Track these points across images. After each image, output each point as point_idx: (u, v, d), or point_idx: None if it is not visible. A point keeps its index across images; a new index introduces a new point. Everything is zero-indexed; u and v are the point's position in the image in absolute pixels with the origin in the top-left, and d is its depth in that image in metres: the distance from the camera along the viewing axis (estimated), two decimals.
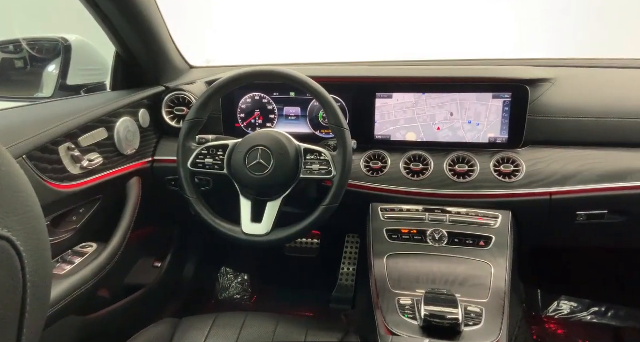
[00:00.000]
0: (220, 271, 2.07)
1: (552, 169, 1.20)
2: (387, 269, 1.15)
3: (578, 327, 1.73)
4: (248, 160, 1.09)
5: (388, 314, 1.03)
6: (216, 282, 2.04)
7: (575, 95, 1.25)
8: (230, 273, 2.08)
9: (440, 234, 1.20)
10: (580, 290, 1.78)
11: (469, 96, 1.27)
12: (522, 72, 1.26)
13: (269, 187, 1.10)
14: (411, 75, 1.31)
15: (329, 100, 1.09)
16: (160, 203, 1.49)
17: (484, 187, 1.23)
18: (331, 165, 1.08)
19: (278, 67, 1.11)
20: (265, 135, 1.11)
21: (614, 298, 1.74)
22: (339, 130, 1.08)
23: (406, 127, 1.34)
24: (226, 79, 1.13)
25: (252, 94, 1.42)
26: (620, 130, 1.20)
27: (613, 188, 1.15)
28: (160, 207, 1.51)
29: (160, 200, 1.45)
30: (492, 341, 0.95)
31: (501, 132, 1.27)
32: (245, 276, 2.06)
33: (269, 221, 1.09)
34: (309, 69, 1.44)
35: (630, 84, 1.27)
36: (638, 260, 1.65)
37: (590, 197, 1.16)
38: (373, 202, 1.30)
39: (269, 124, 1.44)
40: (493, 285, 1.08)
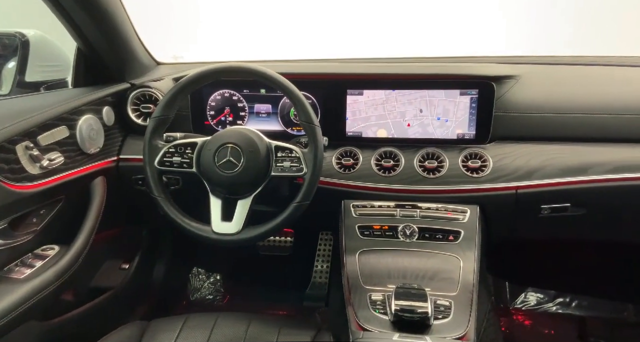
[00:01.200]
0: (192, 272, 2.04)
1: (517, 164, 1.23)
2: (360, 266, 1.16)
3: (544, 318, 1.79)
4: (218, 158, 1.07)
5: (360, 310, 1.04)
6: (188, 283, 2.01)
7: (539, 92, 1.28)
8: (203, 274, 2.04)
9: (412, 229, 1.22)
10: (546, 282, 1.84)
11: (438, 93, 1.29)
12: (488, 69, 1.28)
13: (239, 186, 1.08)
14: (381, 72, 1.32)
15: (299, 97, 1.08)
16: (128, 203, 1.45)
17: (453, 182, 1.25)
18: (302, 163, 1.07)
19: (247, 64, 1.10)
20: (235, 133, 1.10)
21: (577, 289, 1.81)
22: (310, 127, 1.08)
23: (377, 124, 1.34)
24: (194, 76, 1.10)
25: (221, 91, 1.40)
26: (581, 126, 1.24)
27: (575, 182, 1.19)
28: (128, 207, 1.47)
29: (127, 200, 1.42)
30: (461, 333, 0.97)
31: (469, 128, 1.30)
32: (217, 276, 2.04)
33: (239, 219, 1.07)
34: (280, 66, 1.43)
35: (591, 81, 1.31)
36: (599, 252, 1.72)
37: (554, 191, 1.20)
38: (345, 199, 1.30)
39: (239, 121, 1.42)
40: (462, 278, 1.11)
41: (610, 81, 1.30)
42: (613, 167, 1.17)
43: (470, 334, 0.98)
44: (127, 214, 1.52)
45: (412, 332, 0.96)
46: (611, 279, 1.76)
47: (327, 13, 2.12)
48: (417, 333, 0.95)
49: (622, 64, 1.34)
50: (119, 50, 1.36)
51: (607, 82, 1.30)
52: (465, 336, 0.97)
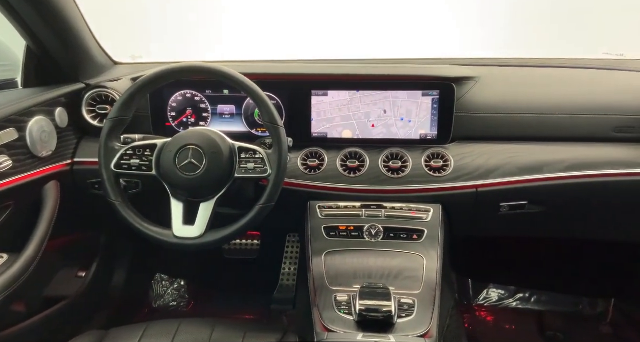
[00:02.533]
0: (154, 278, 1.98)
1: (477, 163, 1.26)
2: (325, 266, 1.16)
3: (505, 313, 1.85)
4: (178, 160, 1.04)
5: (325, 310, 1.04)
6: (150, 289, 1.95)
7: (497, 93, 1.32)
8: (166, 279, 1.99)
9: (376, 229, 1.23)
10: (507, 278, 1.90)
11: (401, 94, 1.31)
12: (449, 70, 1.31)
13: (201, 188, 1.06)
14: (345, 73, 1.33)
15: (262, 97, 1.07)
16: (83, 208, 1.40)
17: (416, 182, 1.27)
18: (266, 164, 1.06)
19: (209, 64, 1.08)
20: (196, 134, 1.07)
21: (536, 284, 1.87)
22: (274, 128, 1.07)
23: (342, 125, 1.35)
24: (152, 75, 1.07)
25: (182, 91, 1.37)
26: (537, 125, 1.29)
27: (531, 180, 1.23)
28: (83, 212, 1.42)
29: (82, 205, 1.36)
30: (423, 330, 0.98)
31: (431, 128, 1.32)
32: (181, 282, 1.99)
33: (202, 222, 1.05)
34: (243, 66, 1.42)
35: (546, 82, 1.36)
36: (556, 248, 1.79)
37: (512, 189, 1.23)
38: (311, 200, 1.30)
39: (202, 122, 1.39)
40: (425, 276, 1.12)
41: (563, 82, 1.35)
42: (567, 166, 1.22)
43: (433, 331, 0.99)
44: (83, 219, 1.47)
45: (376, 331, 0.96)
46: (567, 274, 1.84)
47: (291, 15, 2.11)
48: (381, 332, 0.96)
49: (575, 66, 1.40)
50: (72, 49, 1.31)
51: (560, 83, 1.35)
52: (427, 333, 0.98)
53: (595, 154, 1.24)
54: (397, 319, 0.99)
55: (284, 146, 1.06)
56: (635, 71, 1.34)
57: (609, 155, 1.23)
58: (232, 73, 1.06)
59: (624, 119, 1.25)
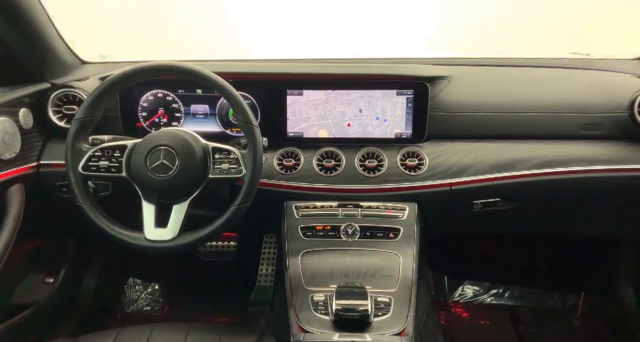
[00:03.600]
0: (127, 283, 1.93)
1: (451, 162, 1.28)
2: (302, 267, 1.16)
3: (480, 309, 1.88)
4: (150, 161, 1.02)
5: (301, 311, 1.04)
6: (123, 294, 1.90)
7: (470, 92, 1.34)
8: (139, 284, 1.94)
9: (353, 228, 1.23)
10: (482, 274, 1.94)
11: (376, 93, 1.31)
12: (422, 70, 1.33)
13: (174, 190, 1.03)
14: (320, 72, 1.33)
15: (236, 97, 1.06)
16: (51, 212, 1.35)
17: (392, 181, 1.27)
18: (241, 164, 1.05)
19: (181, 63, 1.06)
20: (168, 135, 1.05)
21: (509, 280, 1.92)
22: (249, 128, 1.06)
23: (318, 124, 1.35)
24: (121, 74, 1.04)
25: (154, 91, 1.34)
26: (509, 124, 1.31)
27: (503, 177, 1.25)
28: (51, 216, 1.37)
29: (50, 209, 1.32)
30: (400, 329, 0.99)
31: (406, 127, 1.33)
32: (156, 286, 1.95)
33: (175, 225, 1.02)
34: (216, 65, 1.39)
35: (517, 81, 1.39)
36: (528, 244, 1.83)
37: (484, 186, 1.26)
38: (287, 201, 1.29)
39: (175, 123, 1.37)
40: (401, 275, 1.13)
41: (533, 82, 1.38)
42: (538, 163, 1.25)
43: (409, 329, 1.00)
44: (51, 223, 1.42)
45: (353, 331, 0.96)
46: (539, 269, 1.89)
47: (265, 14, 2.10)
48: (358, 331, 0.97)
49: (544, 65, 1.43)
50: (37, 49, 1.27)
51: (532, 82, 1.38)
52: (404, 331, 0.99)
53: (564, 151, 1.27)
54: (373, 318, 1.00)
55: (259, 146, 1.05)
56: (601, 70, 1.39)
57: (577, 152, 1.27)
58: (205, 72, 1.05)
59: (590, 117, 1.29)
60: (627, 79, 1.33)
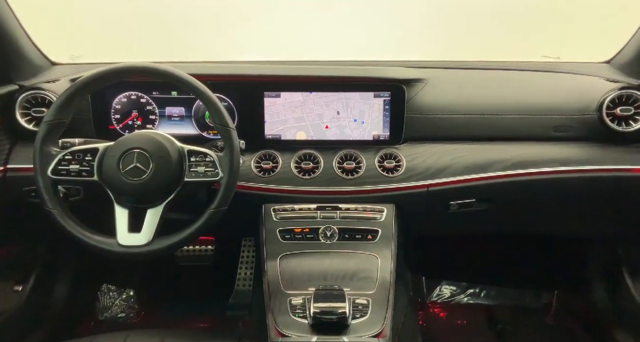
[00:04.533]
0: (100, 289, 1.88)
1: (428, 164, 1.29)
2: (281, 270, 1.15)
3: (457, 308, 1.91)
4: (123, 164, 1.00)
5: (279, 315, 1.03)
6: (96, 302, 1.85)
7: (445, 95, 1.36)
8: (113, 290, 1.90)
9: (332, 230, 1.23)
10: (459, 274, 1.97)
11: (354, 95, 1.32)
12: (399, 72, 1.34)
13: (148, 193, 1.02)
14: (298, 74, 1.32)
15: (212, 99, 1.05)
16: (19, 218, 1.30)
17: (370, 182, 1.28)
18: (218, 167, 1.04)
19: (154, 64, 1.04)
20: (142, 137, 1.03)
21: (486, 280, 1.95)
22: (225, 130, 1.05)
23: (296, 127, 1.34)
24: (93, 76, 1.02)
25: (127, 93, 1.32)
26: (483, 126, 1.33)
27: (478, 178, 1.27)
28: (19, 223, 1.32)
29: (18, 215, 1.27)
30: (377, 330, 1.00)
31: (384, 129, 1.34)
32: (131, 292, 1.90)
33: (149, 229, 1.01)
34: (191, 66, 1.38)
35: (490, 84, 1.42)
36: (503, 244, 1.87)
37: (460, 187, 1.27)
38: (266, 204, 1.28)
39: (149, 125, 1.34)
40: (380, 276, 1.14)
41: (507, 84, 1.41)
42: (511, 164, 1.28)
43: (387, 330, 1.00)
44: (19, 229, 1.37)
45: (331, 334, 0.96)
46: (514, 269, 1.93)
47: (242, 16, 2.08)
48: (336, 334, 0.96)
49: (517, 68, 1.46)
50: (3, 49, 1.23)
51: (505, 85, 1.41)
52: (381, 333, 0.99)
53: (537, 152, 1.30)
54: (351, 320, 1.00)
55: (236, 149, 1.04)
56: (571, 73, 1.42)
57: (548, 153, 1.30)
58: (180, 74, 1.03)
59: (561, 119, 1.32)
60: (595, 81, 1.37)
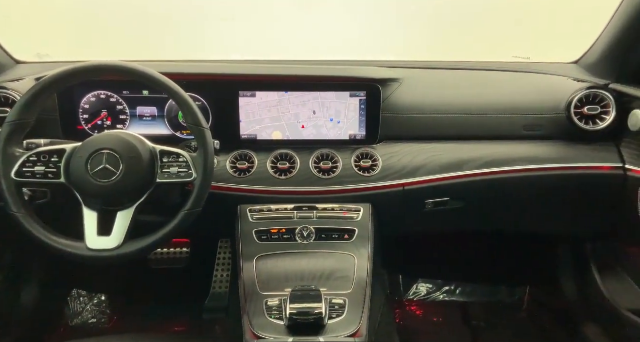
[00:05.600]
0: (70, 295, 1.82)
1: (403, 163, 1.30)
2: (257, 272, 1.14)
3: (433, 306, 1.93)
4: (91, 166, 0.97)
5: (255, 317, 1.02)
6: (65, 307, 1.79)
7: (420, 94, 1.38)
8: (84, 295, 1.84)
9: (309, 230, 1.23)
10: (435, 272, 1.99)
11: (329, 95, 1.32)
12: (374, 72, 1.34)
13: (118, 195, 0.99)
14: (273, 73, 1.31)
15: (184, 98, 1.03)
16: None
17: (346, 182, 1.28)
18: (192, 168, 1.02)
19: (123, 62, 1.01)
20: (111, 138, 1.01)
21: (461, 277, 1.98)
22: (198, 129, 1.03)
23: (272, 126, 1.33)
24: (58, 74, 0.99)
25: (96, 92, 1.28)
26: (457, 125, 1.35)
27: (452, 177, 1.29)
28: None
29: None
30: (353, 330, 1.00)
31: (359, 129, 1.34)
32: (102, 297, 1.85)
33: (120, 232, 0.98)
34: (163, 65, 1.35)
35: (463, 83, 1.44)
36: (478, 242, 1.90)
37: (435, 186, 1.29)
38: (241, 204, 1.27)
39: (120, 125, 1.31)
40: (356, 276, 1.14)
41: (479, 84, 1.43)
42: (483, 163, 1.30)
43: (363, 329, 1.01)
44: None
45: (307, 334, 0.96)
46: (488, 265, 1.96)
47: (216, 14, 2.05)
48: (312, 335, 0.96)
49: (489, 68, 1.49)
50: None
51: (476, 85, 1.43)
52: (357, 332, 1.00)
53: (508, 151, 1.33)
54: (327, 321, 1.00)
55: (209, 149, 1.03)
56: (541, 73, 1.46)
57: (519, 152, 1.32)
58: (151, 72, 1.01)
59: (531, 118, 1.35)
60: (564, 81, 1.40)
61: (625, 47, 1.28)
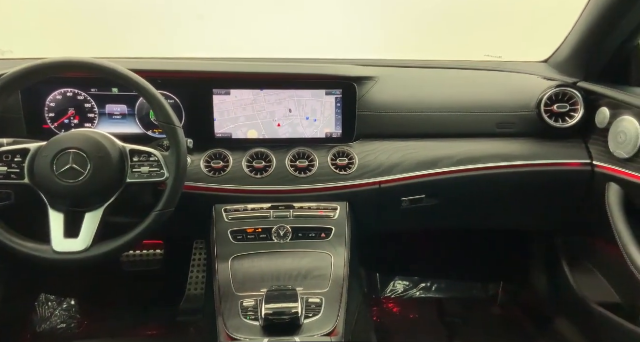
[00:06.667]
0: (38, 300, 1.75)
1: (380, 161, 1.30)
2: (232, 272, 1.13)
3: (410, 303, 1.95)
4: (57, 166, 0.94)
5: (229, 318, 1.01)
6: (33, 313, 1.73)
7: (396, 93, 1.38)
8: (52, 300, 1.78)
9: (285, 230, 1.22)
10: (411, 269, 2.01)
11: (305, 93, 1.31)
12: (349, 70, 1.34)
13: (86, 196, 0.97)
14: (248, 71, 1.30)
15: (155, 95, 1.01)
16: None
17: (323, 180, 1.28)
18: (163, 167, 1.01)
19: (90, 59, 0.98)
20: (78, 137, 0.98)
21: (437, 273, 2.01)
22: (170, 128, 1.01)
23: (247, 125, 1.31)
24: (20, 71, 0.96)
25: (62, 90, 1.24)
26: (431, 123, 1.37)
27: (427, 175, 1.30)
28: None
29: None
30: (330, 328, 1.00)
31: (336, 127, 1.33)
32: (72, 301, 1.80)
33: (88, 234, 0.96)
34: (133, 62, 1.31)
35: (437, 82, 1.45)
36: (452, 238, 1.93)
37: (411, 183, 1.30)
38: (216, 204, 1.26)
39: (88, 124, 1.27)
40: (333, 274, 1.14)
41: (454, 83, 1.45)
42: (457, 160, 1.31)
43: (339, 328, 1.01)
44: None
45: (283, 335, 0.96)
46: (462, 262, 2.00)
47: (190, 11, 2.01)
48: (288, 335, 0.96)
49: (462, 67, 1.51)
50: None
51: (451, 83, 1.45)
52: (334, 331, 0.99)
53: (481, 148, 1.35)
54: (304, 320, 0.99)
55: (182, 148, 1.01)
56: (512, 72, 1.48)
57: (492, 149, 1.35)
58: (119, 69, 0.98)
59: (503, 116, 1.37)
60: (534, 80, 1.43)
61: (592, 46, 1.32)
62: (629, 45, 1.28)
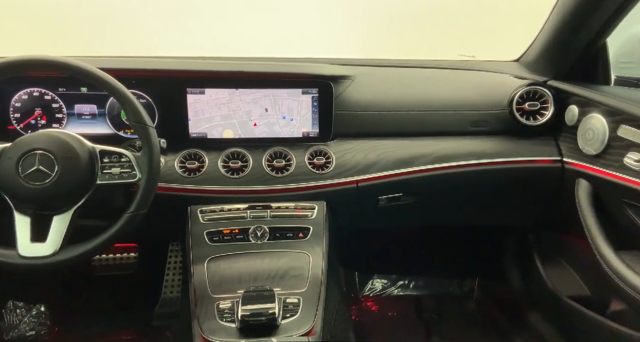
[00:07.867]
0: (6, 307, 1.69)
1: (357, 159, 1.31)
2: (208, 274, 1.11)
3: (388, 301, 1.97)
4: (23, 168, 0.91)
5: (205, 321, 0.99)
6: (0, 320, 1.66)
7: (372, 92, 1.39)
8: (21, 307, 1.72)
9: (262, 230, 1.21)
10: (389, 268, 2.03)
11: (282, 92, 1.30)
12: (325, 69, 1.34)
13: (54, 199, 0.93)
14: (222, 70, 1.28)
15: (125, 95, 0.99)
16: None
17: (300, 180, 1.27)
18: (136, 168, 0.98)
19: (56, 57, 0.95)
20: (45, 137, 0.94)
21: (414, 271, 2.03)
22: (142, 128, 0.99)
23: (222, 124, 1.30)
24: None
25: (28, 89, 1.20)
26: (407, 122, 1.38)
27: (404, 173, 1.31)
28: None
29: None
30: (307, 329, 0.99)
31: (313, 126, 1.33)
32: (42, 308, 1.73)
33: (56, 238, 0.92)
34: (103, 61, 1.28)
35: (412, 81, 1.47)
36: (429, 236, 1.95)
37: (388, 182, 1.30)
38: (192, 205, 1.23)
39: (55, 124, 1.23)
40: (311, 274, 1.13)
41: (427, 82, 1.46)
42: (433, 158, 1.33)
43: (317, 328, 1.00)
44: None
45: (260, 336, 0.95)
46: (439, 259, 2.02)
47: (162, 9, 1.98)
48: (265, 336, 0.95)
49: (437, 66, 1.53)
50: None
51: (425, 82, 1.46)
52: (311, 331, 0.99)
53: (456, 147, 1.36)
54: (281, 321, 0.99)
55: (155, 148, 0.99)
56: (485, 71, 1.51)
57: (466, 147, 1.37)
58: (87, 67, 0.95)
59: (477, 115, 1.40)
60: (506, 79, 1.46)
61: (560, 46, 1.35)
62: (595, 45, 1.31)
